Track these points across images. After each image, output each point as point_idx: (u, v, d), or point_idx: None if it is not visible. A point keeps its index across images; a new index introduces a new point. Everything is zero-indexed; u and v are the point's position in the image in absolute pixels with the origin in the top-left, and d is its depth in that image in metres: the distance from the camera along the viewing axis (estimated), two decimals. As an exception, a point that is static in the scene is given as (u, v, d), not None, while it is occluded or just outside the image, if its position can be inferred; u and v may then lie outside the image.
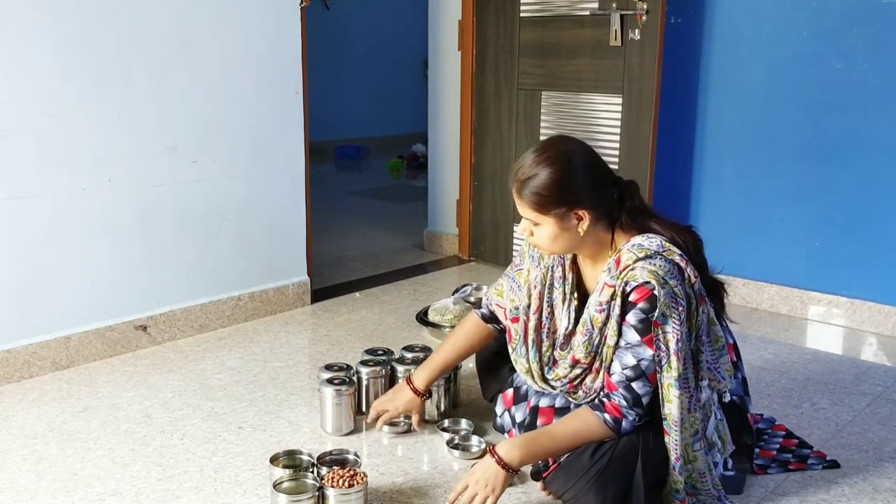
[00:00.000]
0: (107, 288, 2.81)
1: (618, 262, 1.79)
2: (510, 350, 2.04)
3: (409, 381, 2.19)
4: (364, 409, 2.35)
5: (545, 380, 1.96)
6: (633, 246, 1.79)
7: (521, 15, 3.75)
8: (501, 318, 2.09)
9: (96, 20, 2.66)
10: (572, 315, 1.90)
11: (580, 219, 1.79)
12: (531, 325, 1.95)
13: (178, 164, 2.93)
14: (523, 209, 1.81)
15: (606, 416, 1.79)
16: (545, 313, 1.94)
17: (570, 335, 1.90)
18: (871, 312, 3.17)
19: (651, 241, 1.79)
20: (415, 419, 2.20)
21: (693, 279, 1.78)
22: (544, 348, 1.94)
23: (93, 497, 1.96)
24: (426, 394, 2.19)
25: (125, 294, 2.86)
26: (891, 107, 3.04)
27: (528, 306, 1.96)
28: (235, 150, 3.10)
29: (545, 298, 1.94)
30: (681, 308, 1.74)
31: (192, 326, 3.05)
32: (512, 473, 1.81)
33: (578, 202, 1.78)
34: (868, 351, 3.02)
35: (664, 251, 1.77)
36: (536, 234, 1.83)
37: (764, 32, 3.30)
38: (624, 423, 1.78)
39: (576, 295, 1.92)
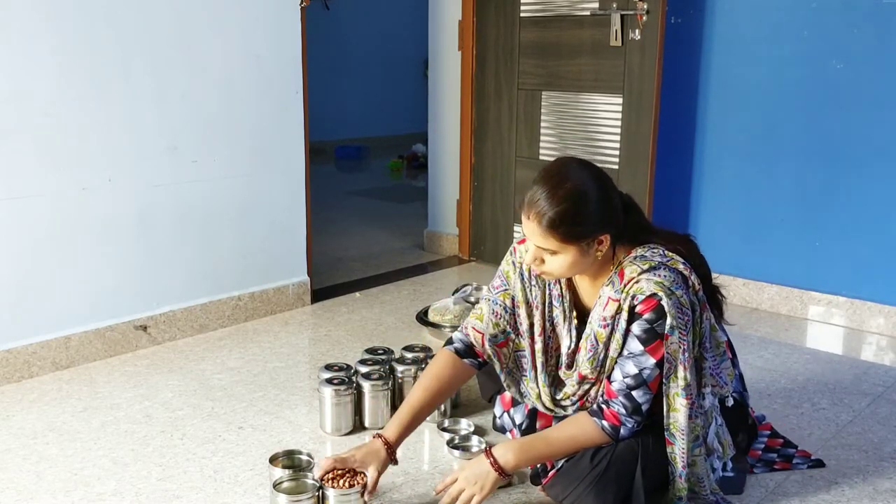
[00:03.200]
0: (107, 288, 2.81)
1: (621, 275, 1.78)
2: (503, 376, 2.01)
3: (378, 435, 1.89)
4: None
5: (555, 402, 1.95)
6: (635, 258, 1.78)
7: (521, 15, 3.75)
8: (478, 345, 1.98)
9: (96, 20, 2.66)
10: (573, 333, 1.90)
11: (601, 243, 1.77)
12: (538, 347, 1.93)
13: (178, 164, 2.93)
14: (544, 241, 1.74)
15: (604, 423, 1.79)
16: (548, 332, 1.93)
17: (572, 353, 1.90)
18: (871, 312, 3.17)
19: (654, 252, 1.79)
20: (370, 475, 1.82)
21: (697, 286, 1.78)
22: (549, 369, 1.94)
23: (93, 497, 1.96)
24: (394, 449, 1.87)
25: (125, 294, 2.86)
26: (891, 107, 3.04)
27: (532, 327, 1.94)
28: (235, 150, 3.10)
29: (546, 318, 1.93)
30: (687, 318, 1.73)
31: (192, 326, 3.05)
32: (504, 476, 1.81)
33: (601, 229, 1.76)
34: (868, 351, 3.02)
35: (667, 261, 1.77)
36: (550, 263, 1.78)
37: (764, 32, 3.31)
38: (622, 431, 1.78)
39: (574, 313, 1.91)
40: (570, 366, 1.91)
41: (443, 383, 1.97)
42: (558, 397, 1.94)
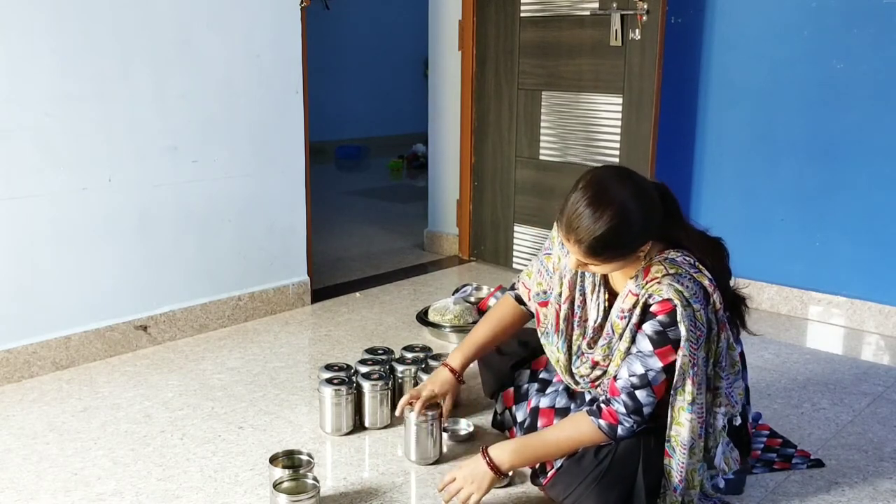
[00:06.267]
0: (107, 288, 2.81)
1: (647, 271, 1.77)
2: (540, 334, 2.03)
3: (444, 364, 2.15)
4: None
5: (571, 373, 1.95)
6: (664, 259, 1.77)
7: (521, 15, 3.75)
8: (525, 298, 2.08)
9: (96, 20, 2.66)
10: (601, 307, 1.89)
11: (643, 247, 1.75)
12: (562, 314, 1.93)
13: (178, 164, 2.93)
14: (587, 260, 1.73)
15: (601, 422, 1.78)
16: (577, 302, 1.92)
17: (598, 329, 1.89)
18: (871, 312, 3.17)
19: (685, 259, 1.76)
20: (447, 402, 2.13)
21: (718, 305, 1.76)
22: (574, 337, 1.93)
23: (93, 497, 1.96)
24: (461, 376, 2.14)
25: (125, 294, 2.86)
26: (891, 107, 3.04)
27: (560, 294, 1.94)
28: (235, 150, 3.10)
29: (577, 287, 1.92)
30: (699, 333, 1.71)
31: (192, 326, 3.05)
32: (500, 476, 1.83)
33: (643, 242, 1.74)
34: (868, 351, 3.02)
35: (695, 272, 1.74)
36: (594, 268, 1.78)
37: (764, 32, 3.31)
38: (619, 430, 1.77)
39: (605, 293, 1.89)
40: (591, 344, 1.90)
41: (503, 322, 2.14)
42: (574, 370, 1.94)
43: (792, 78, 3.26)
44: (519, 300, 2.12)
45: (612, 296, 1.89)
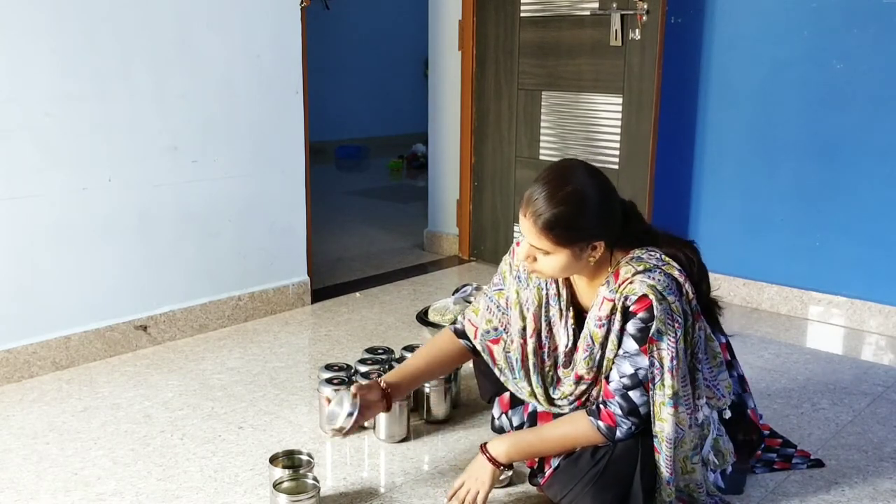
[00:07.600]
0: (107, 288, 2.81)
1: (616, 275, 1.78)
2: (497, 372, 2.01)
3: (378, 383, 2.03)
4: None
5: (551, 401, 1.94)
6: (631, 259, 1.78)
7: (521, 15, 3.75)
8: (471, 336, 2.04)
9: (97, 20, 2.66)
10: (570, 331, 1.89)
11: (594, 248, 1.77)
12: (530, 348, 1.92)
13: (178, 164, 2.93)
14: (538, 241, 1.75)
15: (600, 423, 1.78)
16: (544, 333, 1.91)
17: (570, 352, 1.89)
18: (871, 312, 3.17)
19: (650, 255, 1.78)
20: (353, 417, 1.93)
21: (690, 295, 1.76)
22: (546, 368, 1.92)
23: (93, 497, 1.96)
24: (390, 402, 2.01)
25: (125, 294, 2.86)
26: (891, 107, 3.04)
27: (524, 329, 1.93)
28: (235, 150, 3.10)
29: (542, 318, 1.91)
30: (677, 325, 1.72)
31: (192, 326, 3.05)
32: (501, 468, 1.85)
33: (596, 236, 1.76)
34: (868, 351, 3.02)
35: (663, 265, 1.76)
36: (542, 262, 1.78)
37: (764, 32, 3.31)
38: (618, 432, 1.77)
39: (571, 312, 1.90)
40: (567, 364, 1.90)
41: (439, 355, 2.09)
42: (555, 396, 1.93)
43: (792, 78, 3.26)
44: (459, 334, 2.07)
45: (579, 317, 1.89)
